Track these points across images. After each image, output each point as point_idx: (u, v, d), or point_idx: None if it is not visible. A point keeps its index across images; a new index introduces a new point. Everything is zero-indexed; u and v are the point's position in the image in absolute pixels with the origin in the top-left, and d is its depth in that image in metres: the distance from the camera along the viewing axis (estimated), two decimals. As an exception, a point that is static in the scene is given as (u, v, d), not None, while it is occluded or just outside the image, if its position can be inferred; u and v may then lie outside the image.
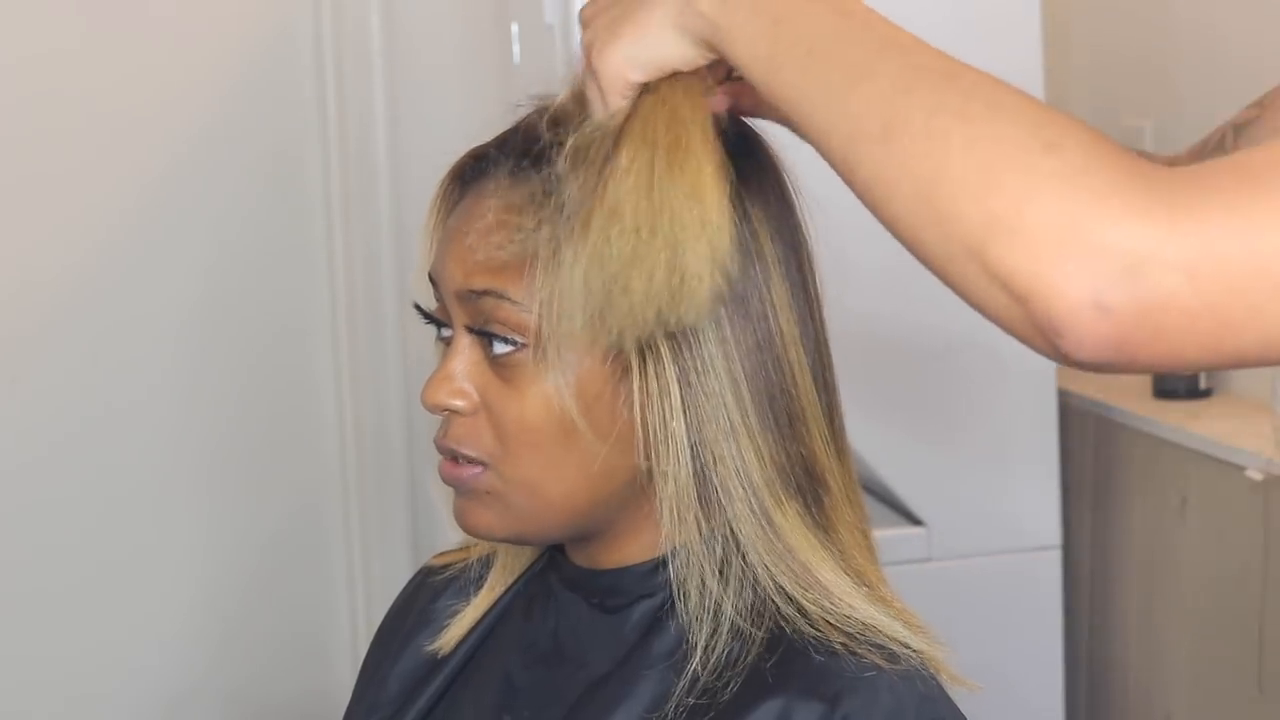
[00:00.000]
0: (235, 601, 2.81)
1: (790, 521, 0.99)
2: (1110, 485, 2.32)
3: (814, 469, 1.01)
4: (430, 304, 1.05)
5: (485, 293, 0.98)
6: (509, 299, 0.97)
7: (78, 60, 2.63)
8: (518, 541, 1.06)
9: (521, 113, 1.05)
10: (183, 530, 2.77)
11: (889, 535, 2.08)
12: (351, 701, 1.18)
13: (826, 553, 0.99)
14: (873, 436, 2.04)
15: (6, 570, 2.64)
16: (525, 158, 1.00)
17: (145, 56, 2.68)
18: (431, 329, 1.06)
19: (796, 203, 1.03)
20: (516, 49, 2.36)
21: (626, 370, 0.98)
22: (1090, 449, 2.37)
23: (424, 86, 2.81)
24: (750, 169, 1.00)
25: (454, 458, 1.02)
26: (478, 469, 1.01)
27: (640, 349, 0.97)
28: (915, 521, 2.16)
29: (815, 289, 1.03)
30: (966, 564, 2.16)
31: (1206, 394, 2.25)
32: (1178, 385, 2.26)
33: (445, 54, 2.82)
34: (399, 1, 2.80)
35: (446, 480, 1.03)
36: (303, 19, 2.79)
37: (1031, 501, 2.18)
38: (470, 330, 1.00)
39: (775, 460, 0.99)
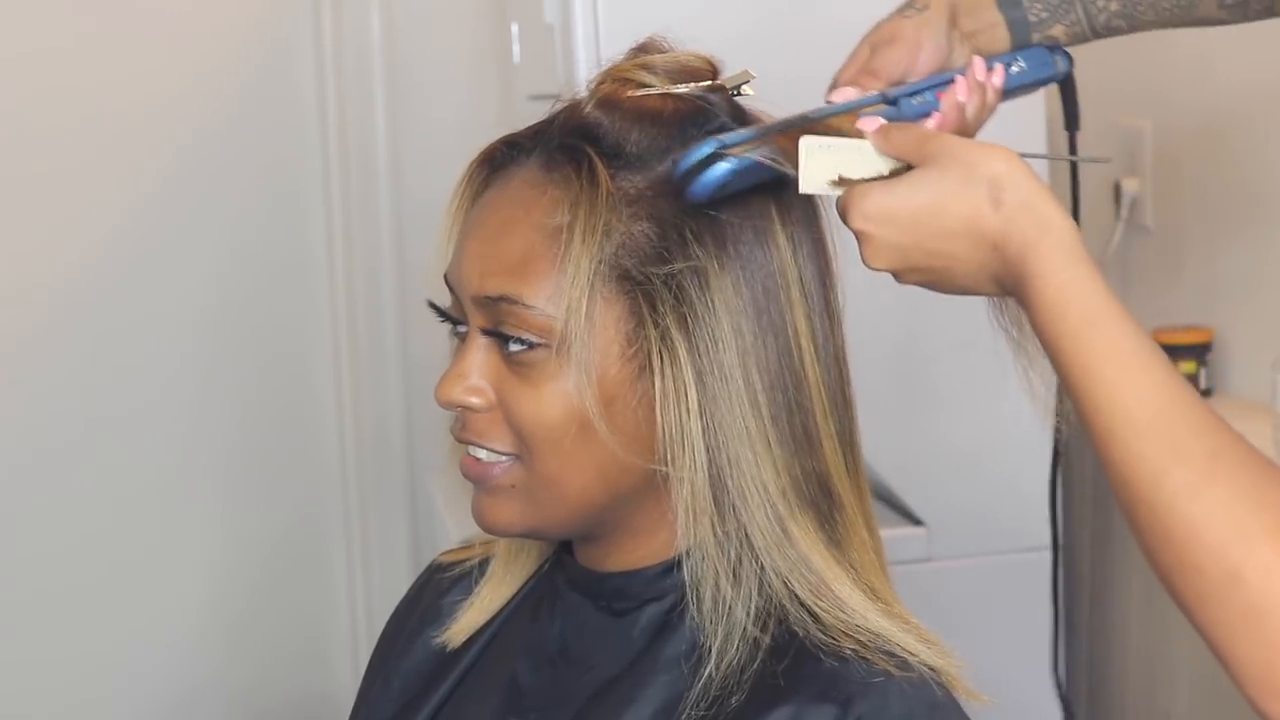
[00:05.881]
0: (237, 606, 2.81)
1: (805, 532, 0.98)
2: (1110, 485, 2.32)
3: (828, 486, 1.00)
4: (443, 300, 1.04)
5: (501, 299, 0.98)
6: (524, 304, 0.97)
7: (77, 59, 2.63)
8: (533, 536, 1.06)
9: (555, 106, 1.04)
10: (186, 535, 2.77)
11: (889, 535, 2.07)
12: (357, 700, 1.18)
13: (841, 568, 0.99)
14: (873, 436, 2.03)
15: (8, 573, 2.64)
16: (561, 150, 1.00)
17: (145, 56, 2.68)
18: (443, 326, 1.06)
19: (823, 217, 1.03)
20: (516, 49, 2.36)
21: (643, 369, 0.97)
22: (1090, 449, 2.37)
23: (424, 86, 2.81)
24: (776, 184, 1.00)
25: (478, 454, 1.01)
26: (506, 462, 1.00)
27: (659, 351, 0.97)
28: (915, 521, 2.16)
29: (836, 306, 1.03)
30: (966, 564, 2.16)
31: (1207, 394, 2.24)
32: (1178, 385, 2.25)
33: (445, 54, 2.82)
34: (399, 1, 2.80)
35: (470, 477, 1.02)
36: (303, 19, 2.79)
37: (1032, 501, 2.18)
38: (485, 332, 1.00)
39: (790, 472, 0.99)
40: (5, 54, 2.59)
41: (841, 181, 0.95)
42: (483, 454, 1.01)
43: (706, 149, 0.95)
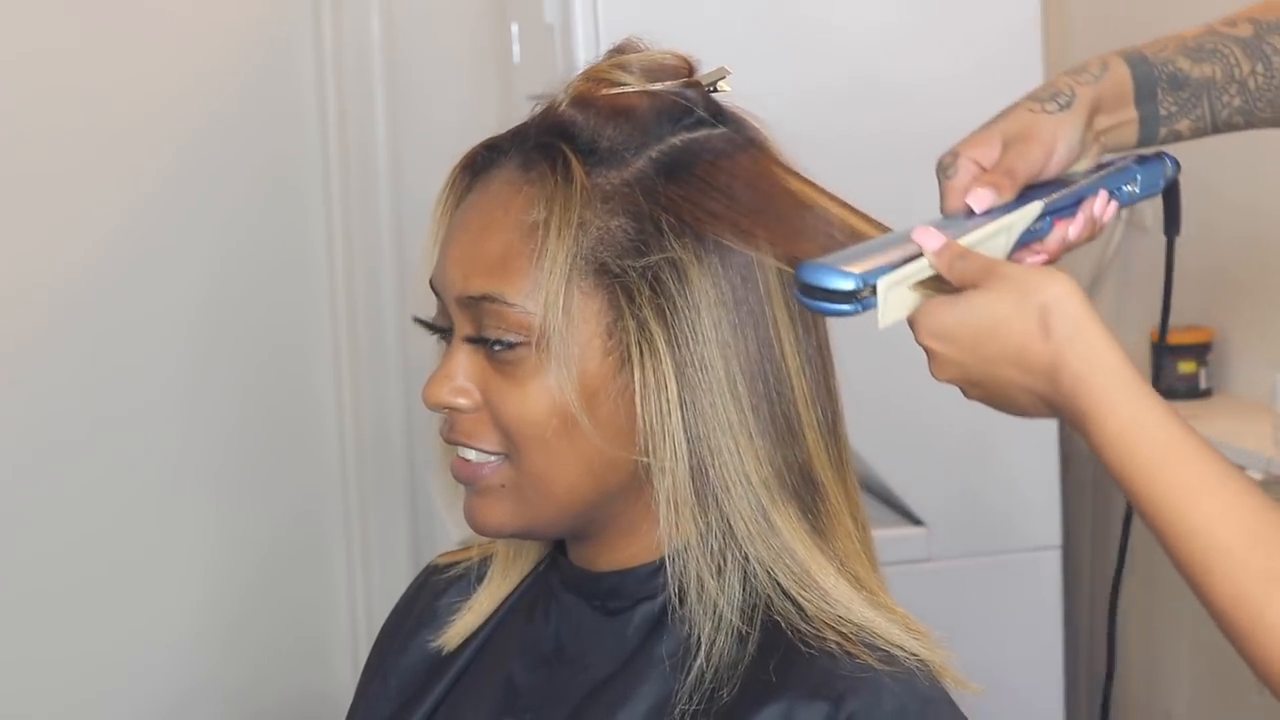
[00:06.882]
0: (237, 604, 2.81)
1: (788, 523, 0.99)
2: (1110, 485, 2.32)
3: (811, 476, 1.01)
4: (431, 309, 1.05)
5: (483, 298, 0.98)
6: (506, 302, 0.98)
7: (78, 60, 2.63)
8: (525, 536, 1.07)
9: (535, 108, 1.04)
10: (184, 534, 2.77)
11: (889, 535, 2.08)
12: (355, 698, 1.18)
13: (825, 557, 1.00)
14: (873, 436, 2.04)
15: (7, 572, 2.64)
16: (537, 149, 1.00)
17: (145, 57, 2.68)
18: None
19: None
20: (516, 49, 2.36)
21: (624, 362, 0.98)
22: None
23: (424, 86, 2.81)
24: None
25: (466, 455, 1.02)
26: (495, 461, 1.01)
27: (638, 342, 0.97)
28: (915, 521, 2.16)
29: None
30: (966, 564, 2.16)
31: (1207, 394, 2.24)
32: (1178, 385, 2.25)
33: (445, 54, 2.82)
34: (399, 1, 2.80)
35: (461, 478, 1.03)
36: (303, 19, 2.79)
37: (1031, 501, 2.18)
38: (470, 340, 1.01)
39: (773, 462, 0.99)
40: (5, 54, 2.59)
41: (916, 288, 0.94)
42: (471, 455, 1.02)
43: (846, 284, 0.91)
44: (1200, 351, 2.24)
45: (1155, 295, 2.48)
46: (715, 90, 1.04)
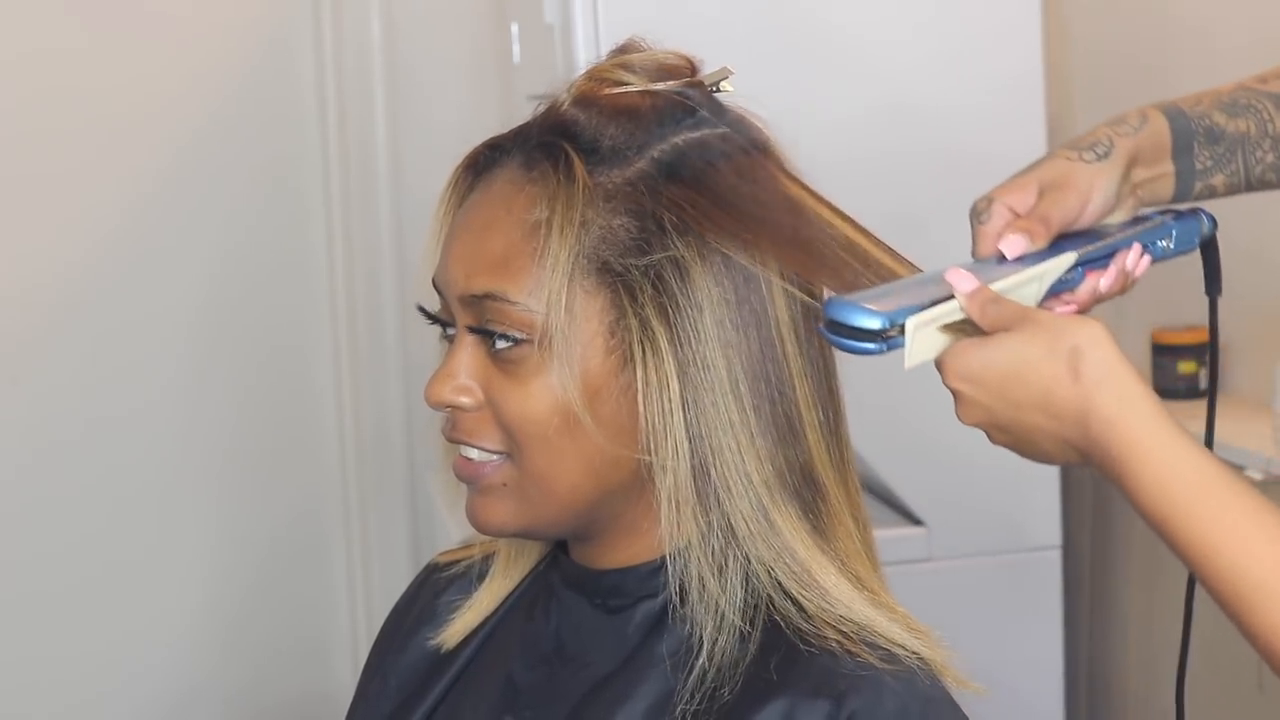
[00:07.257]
0: (237, 604, 2.81)
1: (788, 522, 0.99)
2: (1110, 485, 2.32)
3: (813, 476, 1.01)
4: (434, 305, 1.05)
5: (486, 296, 0.99)
6: (509, 300, 0.98)
7: (77, 60, 2.64)
8: (527, 536, 1.07)
9: (538, 107, 1.05)
10: (184, 534, 2.77)
11: (889, 535, 2.08)
12: (355, 697, 1.19)
13: (826, 557, 1.00)
14: (873, 436, 2.04)
15: (7, 572, 2.64)
16: (539, 148, 1.00)
17: (145, 57, 2.68)
18: (434, 328, 1.06)
19: None
20: (516, 49, 2.36)
21: (626, 361, 0.98)
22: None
23: (424, 86, 2.81)
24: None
25: (469, 454, 1.02)
26: (497, 460, 1.01)
27: (640, 341, 0.97)
28: (915, 521, 2.16)
29: (821, 297, 1.03)
30: (966, 564, 2.16)
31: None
32: (1177, 385, 2.25)
33: (445, 54, 2.82)
34: (399, 1, 2.80)
35: (462, 477, 1.03)
36: (303, 20, 2.79)
37: (1031, 501, 2.18)
38: (472, 330, 1.01)
39: (774, 462, 0.99)
40: (5, 54, 2.59)
41: (945, 330, 0.94)
42: (474, 453, 1.02)
43: (874, 322, 0.91)
44: (1200, 351, 2.24)
45: (1155, 295, 2.50)
46: (718, 90, 1.04)
